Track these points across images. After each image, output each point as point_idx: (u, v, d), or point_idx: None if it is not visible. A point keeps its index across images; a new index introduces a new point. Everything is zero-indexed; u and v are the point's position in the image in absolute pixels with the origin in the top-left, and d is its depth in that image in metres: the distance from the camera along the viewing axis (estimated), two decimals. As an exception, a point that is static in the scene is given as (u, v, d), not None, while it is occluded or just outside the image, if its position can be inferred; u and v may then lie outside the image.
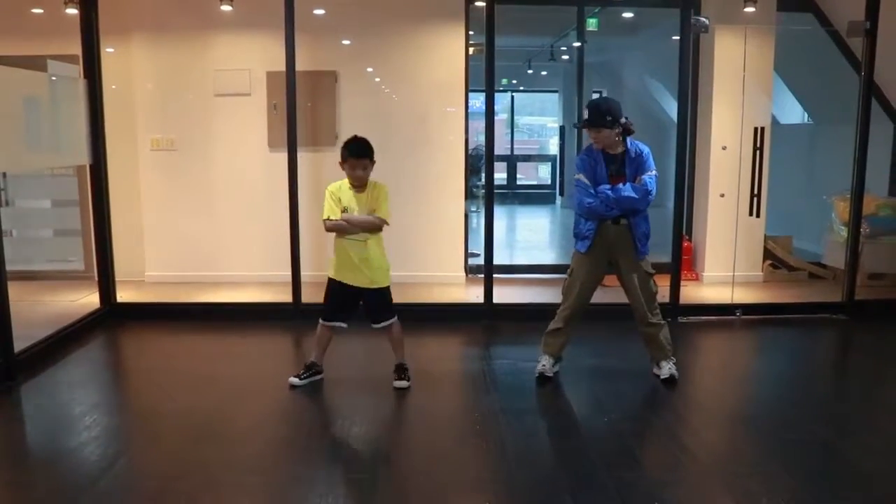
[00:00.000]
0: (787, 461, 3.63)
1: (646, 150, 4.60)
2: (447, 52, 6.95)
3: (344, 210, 4.47)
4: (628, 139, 4.59)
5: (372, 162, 4.51)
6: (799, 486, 3.37)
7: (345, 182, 4.53)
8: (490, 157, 6.18)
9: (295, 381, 4.61)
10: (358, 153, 4.47)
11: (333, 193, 4.51)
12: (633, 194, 4.48)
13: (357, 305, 4.63)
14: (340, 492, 3.35)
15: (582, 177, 4.58)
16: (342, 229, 4.47)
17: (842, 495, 3.31)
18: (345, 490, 3.37)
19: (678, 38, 6.20)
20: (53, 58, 6.14)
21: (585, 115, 4.60)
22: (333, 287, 4.61)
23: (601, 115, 4.49)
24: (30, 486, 3.45)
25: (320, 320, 4.66)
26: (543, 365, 4.76)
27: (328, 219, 4.48)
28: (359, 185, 4.50)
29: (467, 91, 7.09)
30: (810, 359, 5.69)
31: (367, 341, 5.06)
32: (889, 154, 7.55)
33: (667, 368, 4.66)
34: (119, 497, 3.30)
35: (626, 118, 4.54)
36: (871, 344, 5.87)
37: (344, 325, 4.65)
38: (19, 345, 4.79)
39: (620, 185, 4.51)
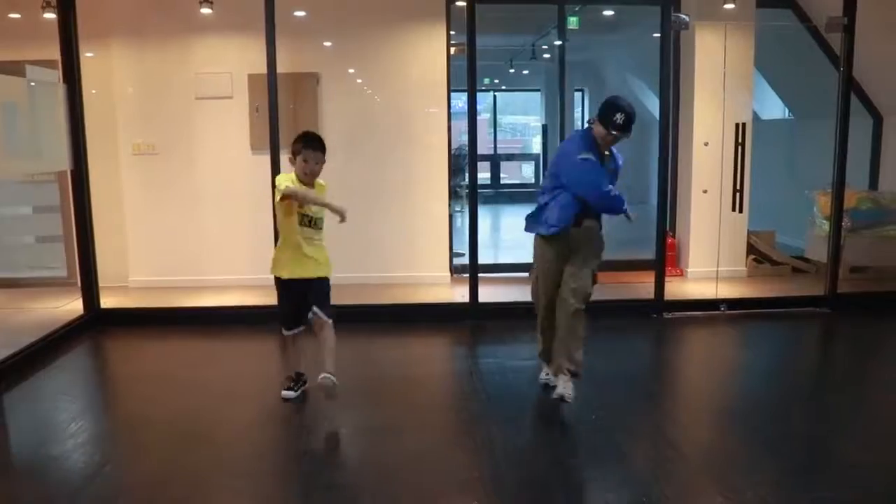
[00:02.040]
0: (773, 454, 3.65)
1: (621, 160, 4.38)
2: (429, 52, 6.95)
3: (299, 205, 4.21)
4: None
5: (324, 160, 4.30)
6: (784, 479, 3.40)
7: (293, 175, 4.28)
8: (473, 157, 6.19)
9: (290, 394, 4.48)
10: (315, 145, 4.24)
11: (293, 180, 4.24)
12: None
13: (306, 299, 4.37)
14: (328, 494, 3.34)
15: (591, 156, 4.18)
16: (301, 198, 4.13)
17: (827, 487, 3.33)
18: (332, 492, 3.36)
19: (659, 35, 6.23)
20: (32, 63, 6.09)
21: (620, 118, 4.12)
22: (282, 290, 4.45)
23: (634, 121, 4.18)
24: (15, 494, 3.42)
25: (283, 331, 4.52)
26: (546, 374, 4.60)
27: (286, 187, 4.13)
28: (310, 181, 4.26)
29: (449, 91, 7.08)
30: (794, 352, 5.74)
31: (353, 345, 5.05)
32: (869, 148, 7.63)
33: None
34: (106, 504, 3.28)
35: None
36: (853, 336, 5.92)
37: (303, 327, 4.49)
38: (2, 353, 4.77)
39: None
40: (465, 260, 6.44)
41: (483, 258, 6.38)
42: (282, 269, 4.40)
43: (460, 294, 6.40)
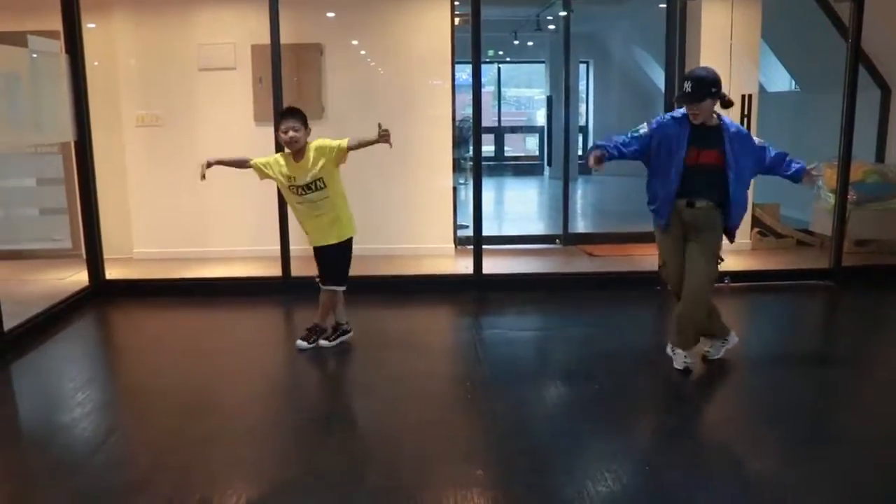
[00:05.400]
0: (777, 426, 3.66)
1: (742, 128, 4.29)
2: (433, 23, 6.90)
3: (290, 178, 4.48)
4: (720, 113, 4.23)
5: (305, 127, 4.44)
6: (787, 450, 3.42)
7: (284, 154, 4.54)
8: (477, 130, 6.16)
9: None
10: (288, 113, 4.46)
11: (274, 160, 4.55)
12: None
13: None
14: (331, 463, 3.37)
15: (643, 129, 4.21)
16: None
17: (829, 458, 3.34)
18: (336, 461, 3.39)
19: (665, 6, 6.17)
20: (34, 34, 6.05)
21: (687, 87, 4.09)
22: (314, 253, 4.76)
23: (706, 87, 4.07)
24: (24, 462, 3.46)
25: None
26: (685, 359, 4.35)
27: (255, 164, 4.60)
28: (293, 150, 4.45)
29: (454, 63, 7.04)
30: (798, 325, 5.74)
31: (357, 316, 5.07)
32: (876, 121, 7.57)
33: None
34: (113, 472, 3.30)
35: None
36: (857, 309, 5.91)
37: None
38: (9, 323, 4.78)
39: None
40: (469, 232, 6.44)
41: (487, 230, 6.38)
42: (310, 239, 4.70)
43: (464, 265, 6.40)
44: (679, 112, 4.22)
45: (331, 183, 4.47)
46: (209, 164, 4.54)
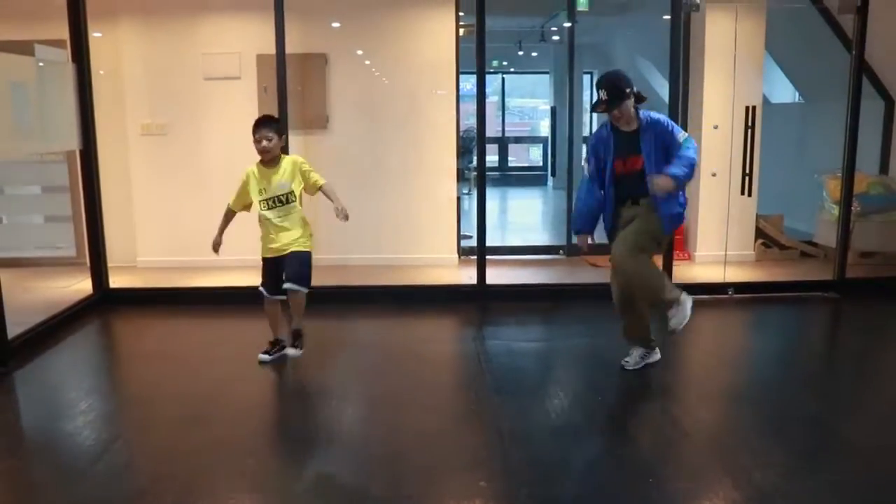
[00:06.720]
0: (780, 437, 3.66)
1: (662, 117, 4.21)
2: (437, 33, 6.92)
3: (261, 191, 4.57)
4: (640, 111, 4.23)
5: (279, 135, 4.52)
6: (790, 461, 3.40)
7: (257, 164, 4.62)
8: (481, 140, 6.17)
9: (265, 357, 4.67)
10: (261, 123, 4.52)
11: (247, 176, 4.65)
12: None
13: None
14: (334, 473, 3.37)
15: (586, 167, 4.35)
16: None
17: (832, 469, 3.33)
18: (339, 471, 3.38)
19: (669, 17, 6.18)
20: (41, 42, 6.08)
21: (603, 95, 4.12)
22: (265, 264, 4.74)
23: (620, 90, 4.10)
24: (27, 471, 3.45)
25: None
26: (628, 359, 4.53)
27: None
28: (266, 160, 4.53)
29: (458, 73, 7.06)
30: (802, 336, 5.73)
31: (360, 326, 5.07)
32: (880, 132, 7.57)
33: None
34: (115, 480, 3.30)
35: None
36: (861, 321, 5.90)
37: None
38: (13, 331, 4.78)
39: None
40: (473, 242, 6.44)
41: (490, 240, 6.38)
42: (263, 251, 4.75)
43: (467, 276, 6.40)
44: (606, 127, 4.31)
45: (298, 200, 4.56)
46: (218, 244, 4.83)
